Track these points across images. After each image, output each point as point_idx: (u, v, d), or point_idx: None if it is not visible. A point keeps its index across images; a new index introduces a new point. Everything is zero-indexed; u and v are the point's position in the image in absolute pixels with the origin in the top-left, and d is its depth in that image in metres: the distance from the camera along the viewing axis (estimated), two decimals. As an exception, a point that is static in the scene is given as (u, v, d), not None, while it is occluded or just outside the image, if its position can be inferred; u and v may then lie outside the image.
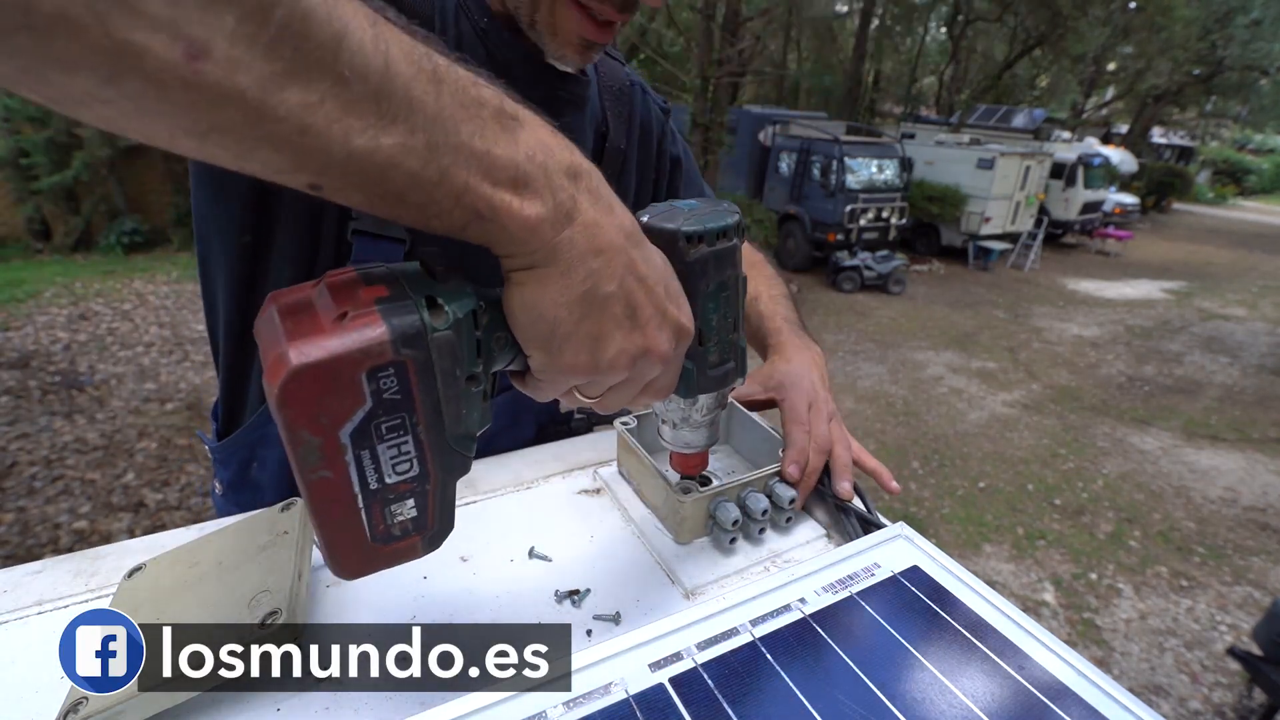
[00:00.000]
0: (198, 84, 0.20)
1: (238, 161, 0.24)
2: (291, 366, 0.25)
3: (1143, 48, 14.97)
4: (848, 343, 6.15)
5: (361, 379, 0.27)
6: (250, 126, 0.22)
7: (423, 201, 0.26)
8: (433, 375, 0.29)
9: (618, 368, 0.33)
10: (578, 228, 0.30)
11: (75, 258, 6.97)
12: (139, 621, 0.37)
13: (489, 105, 0.28)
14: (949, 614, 0.41)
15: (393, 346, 0.27)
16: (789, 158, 8.96)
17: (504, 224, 0.28)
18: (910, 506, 3.72)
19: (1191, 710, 2.49)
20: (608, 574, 0.50)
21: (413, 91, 0.25)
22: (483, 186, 0.27)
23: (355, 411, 0.27)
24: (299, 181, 0.25)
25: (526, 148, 0.28)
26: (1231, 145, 27.60)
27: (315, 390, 0.26)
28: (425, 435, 0.30)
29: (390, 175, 0.25)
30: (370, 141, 0.24)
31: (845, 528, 0.55)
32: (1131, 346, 6.77)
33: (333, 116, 0.23)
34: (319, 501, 0.29)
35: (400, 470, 0.30)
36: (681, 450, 0.50)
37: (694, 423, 0.48)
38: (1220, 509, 3.88)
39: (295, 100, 0.22)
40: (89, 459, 3.33)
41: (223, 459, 0.62)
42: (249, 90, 0.21)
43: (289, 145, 0.23)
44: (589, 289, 0.31)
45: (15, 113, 6.70)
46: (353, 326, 0.27)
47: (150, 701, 0.33)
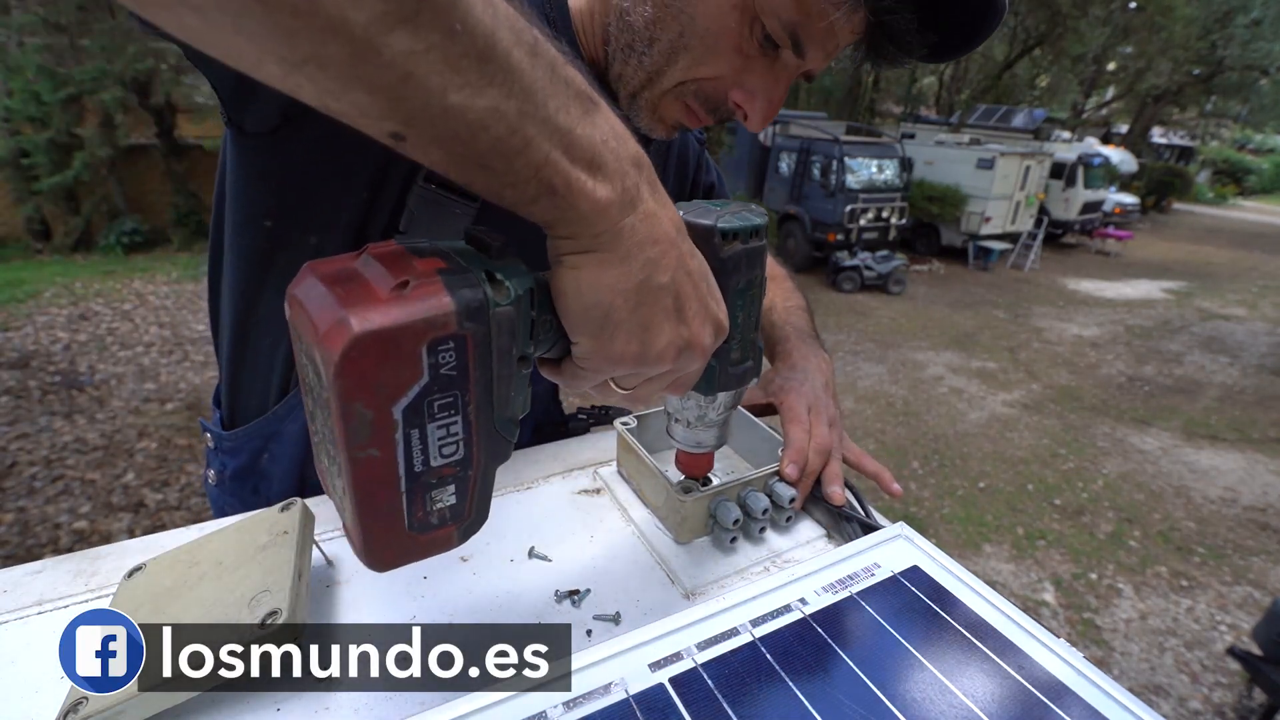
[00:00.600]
0: (309, 10, 0.20)
1: (322, 98, 0.23)
2: (354, 333, 0.24)
3: (1143, 48, 14.97)
4: (848, 343, 6.15)
5: (422, 351, 0.26)
6: (350, 64, 0.21)
7: (501, 168, 0.26)
8: (489, 352, 0.28)
9: (664, 359, 0.33)
10: (639, 216, 0.30)
11: (75, 258, 6.97)
12: (139, 621, 0.37)
13: (574, 85, 0.28)
14: (949, 614, 0.41)
15: (457, 318, 0.26)
16: (789, 158, 8.96)
17: (575, 202, 0.28)
18: (910, 506, 3.72)
19: (1191, 710, 2.49)
20: (608, 574, 0.50)
21: (512, 58, 0.24)
22: (562, 162, 0.27)
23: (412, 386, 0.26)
24: (382, 129, 0.24)
25: (602, 132, 0.29)
26: (1231, 145, 27.59)
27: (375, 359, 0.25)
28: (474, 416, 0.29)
29: (478, 136, 0.25)
30: (466, 99, 0.23)
31: (844, 529, 0.55)
32: (1131, 346, 6.77)
33: (435, 68, 0.22)
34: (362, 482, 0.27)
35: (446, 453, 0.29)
36: (692, 450, 0.50)
37: (709, 421, 0.48)
38: (1220, 509, 3.88)
39: (402, 46, 0.21)
40: (89, 459, 3.33)
41: (233, 447, 0.62)
42: (358, 27, 0.20)
43: (385, 90, 0.22)
44: (645, 278, 0.31)
45: (15, 113, 6.70)
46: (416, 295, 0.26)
47: (150, 701, 0.33)
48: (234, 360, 0.60)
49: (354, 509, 0.28)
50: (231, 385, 0.62)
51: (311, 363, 0.27)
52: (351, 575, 0.48)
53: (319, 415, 0.29)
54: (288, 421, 0.58)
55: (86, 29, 6.71)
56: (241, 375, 0.61)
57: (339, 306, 0.25)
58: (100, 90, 6.69)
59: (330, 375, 0.24)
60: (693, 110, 0.53)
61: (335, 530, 0.52)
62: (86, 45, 6.71)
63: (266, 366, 0.58)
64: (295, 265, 0.53)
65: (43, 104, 6.70)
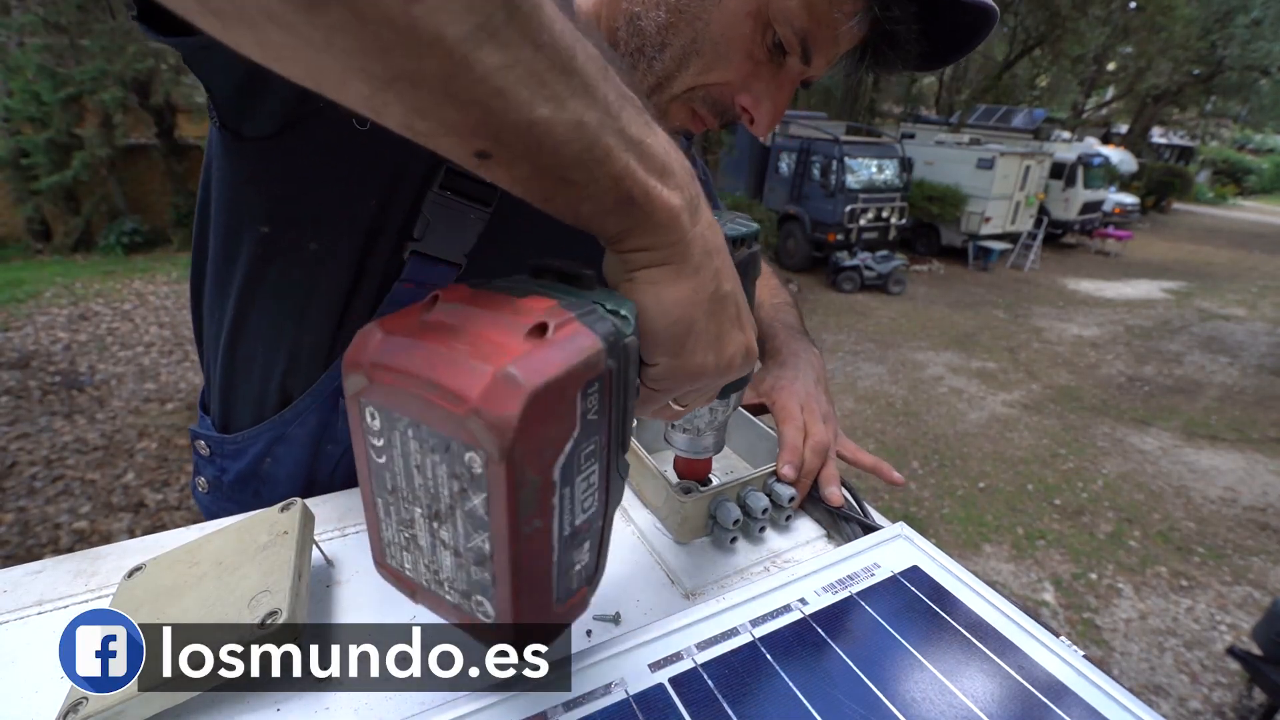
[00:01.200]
0: (405, 25, 0.19)
1: (409, 117, 0.23)
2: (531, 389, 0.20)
3: (1143, 48, 14.96)
4: (848, 343, 6.15)
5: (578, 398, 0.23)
6: (443, 80, 0.21)
7: (584, 179, 0.26)
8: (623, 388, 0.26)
9: (734, 367, 0.33)
10: (703, 224, 0.31)
11: (75, 258, 6.97)
12: (139, 622, 0.37)
13: (634, 99, 0.28)
14: (949, 614, 0.41)
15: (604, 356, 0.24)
16: (789, 158, 8.96)
17: (652, 210, 0.28)
18: (910, 506, 3.72)
19: (1191, 710, 2.49)
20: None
21: (588, 71, 0.25)
22: (639, 171, 0.27)
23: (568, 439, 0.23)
24: (468, 148, 0.24)
25: (662, 141, 0.29)
26: (1231, 145, 27.59)
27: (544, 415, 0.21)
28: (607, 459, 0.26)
29: (562, 150, 0.25)
30: (553, 112, 0.24)
31: (844, 529, 0.55)
32: (1131, 346, 6.77)
33: (524, 82, 0.22)
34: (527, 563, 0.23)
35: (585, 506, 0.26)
36: (697, 455, 0.50)
37: (716, 425, 0.48)
38: (1220, 509, 3.88)
39: (493, 60, 0.21)
40: (89, 459, 3.33)
41: (235, 450, 0.61)
42: (453, 41, 0.20)
43: (477, 106, 0.22)
44: (715, 288, 0.31)
45: (15, 113, 6.70)
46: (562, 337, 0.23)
47: (150, 701, 0.33)
48: (226, 367, 0.59)
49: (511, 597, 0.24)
50: (224, 391, 0.61)
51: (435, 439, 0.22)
52: (351, 575, 0.48)
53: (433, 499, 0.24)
54: (294, 426, 0.58)
55: (86, 29, 6.71)
56: (234, 381, 0.59)
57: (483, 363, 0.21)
58: (100, 90, 6.69)
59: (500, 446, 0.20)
60: (699, 115, 0.53)
61: (335, 530, 0.52)
62: (86, 45, 6.71)
63: (263, 373, 0.58)
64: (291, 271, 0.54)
65: (43, 104, 6.69)
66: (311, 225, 0.51)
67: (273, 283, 0.53)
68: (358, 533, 0.52)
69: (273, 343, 0.56)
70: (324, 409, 0.57)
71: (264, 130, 0.47)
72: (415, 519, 0.25)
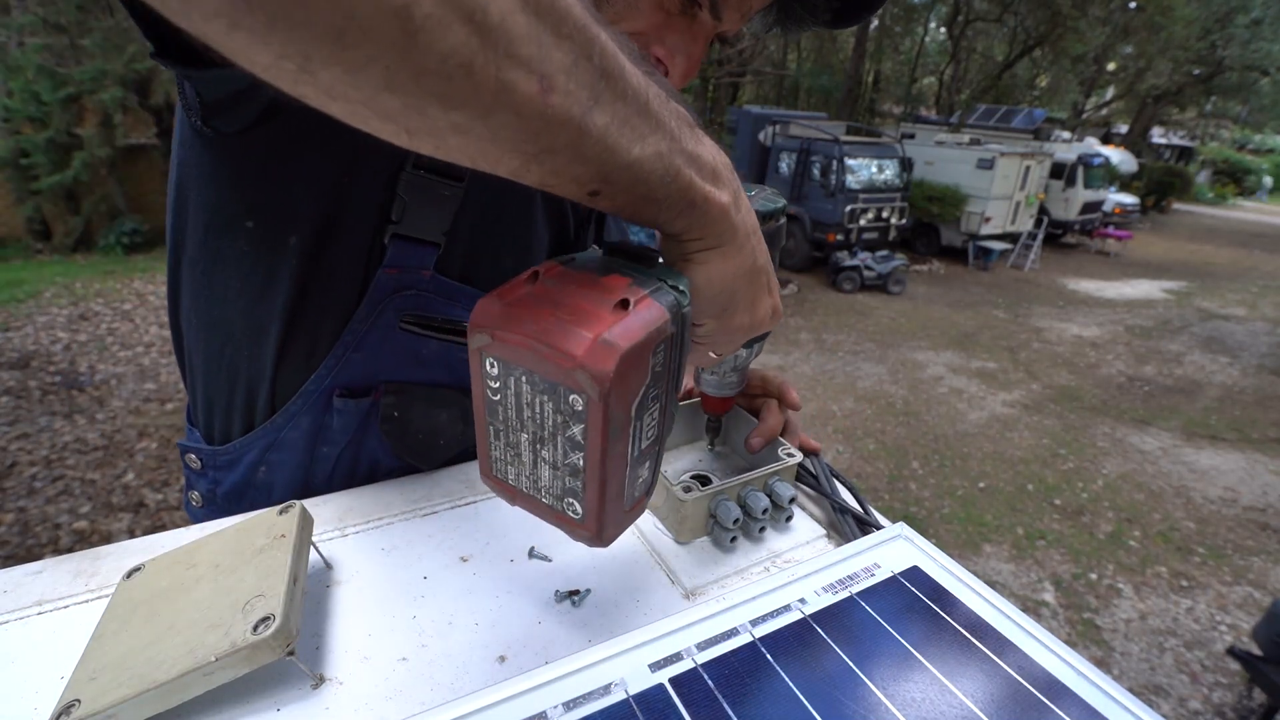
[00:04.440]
0: (547, 114, 0.24)
1: (549, 177, 0.28)
2: (623, 350, 0.28)
3: (1143, 48, 14.98)
4: (847, 343, 6.15)
5: (650, 356, 0.30)
6: (574, 146, 0.26)
7: (663, 197, 0.31)
8: (680, 346, 0.33)
9: (764, 324, 0.41)
10: (743, 212, 0.36)
11: (75, 258, 6.98)
12: (135, 624, 0.37)
13: (683, 116, 0.33)
14: (949, 614, 0.41)
15: (669, 323, 0.31)
16: (789, 158, 8.97)
17: (708, 211, 0.33)
18: (910, 506, 3.73)
19: (1191, 710, 2.49)
20: (608, 574, 0.50)
21: (653, 106, 0.29)
22: (698, 181, 0.32)
23: (641, 386, 0.31)
24: (584, 190, 0.29)
25: (708, 147, 0.34)
26: (1231, 145, 27.59)
27: (630, 369, 0.29)
28: (665, 400, 0.34)
29: (650, 178, 0.30)
30: (643, 150, 0.29)
31: (844, 528, 0.55)
32: (1131, 346, 6.77)
33: (622, 132, 0.27)
34: (613, 472, 0.31)
35: (649, 435, 0.34)
36: (722, 394, 0.60)
37: (739, 368, 0.58)
38: (1220, 509, 3.88)
39: (602, 121, 0.26)
40: (89, 459, 3.33)
41: (229, 461, 0.59)
42: (576, 115, 0.25)
43: (595, 160, 0.27)
44: (753, 262, 0.37)
45: (15, 113, 6.70)
46: (641, 309, 0.30)
47: (145, 704, 0.33)
48: (212, 375, 0.58)
49: (597, 498, 0.32)
50: (211, 400, 0.59)
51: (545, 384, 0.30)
52: (351, 576, 0.48)
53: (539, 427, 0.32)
54: (287, 430, 0.57)
55: (86, 29, 6.71)
56: (222, 388, 0.58)
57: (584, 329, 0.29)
58: (100, 90, 6.69)
59: (601, 390, 0.28)
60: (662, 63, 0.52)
61: (335, 530, 0.52)
62: (86, 45, 6.72)
63: (251, 378, 0.56)
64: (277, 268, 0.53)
65: (43, 104, 6.70)
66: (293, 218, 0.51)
67: (258, 282, 0.53)
68: (358, 533, 0.52)
69: (260, 345, 0.55)
70: (317, 410, 0.56)
71: (237, 126, 0.48)
72: (521, 442, 0.33)
